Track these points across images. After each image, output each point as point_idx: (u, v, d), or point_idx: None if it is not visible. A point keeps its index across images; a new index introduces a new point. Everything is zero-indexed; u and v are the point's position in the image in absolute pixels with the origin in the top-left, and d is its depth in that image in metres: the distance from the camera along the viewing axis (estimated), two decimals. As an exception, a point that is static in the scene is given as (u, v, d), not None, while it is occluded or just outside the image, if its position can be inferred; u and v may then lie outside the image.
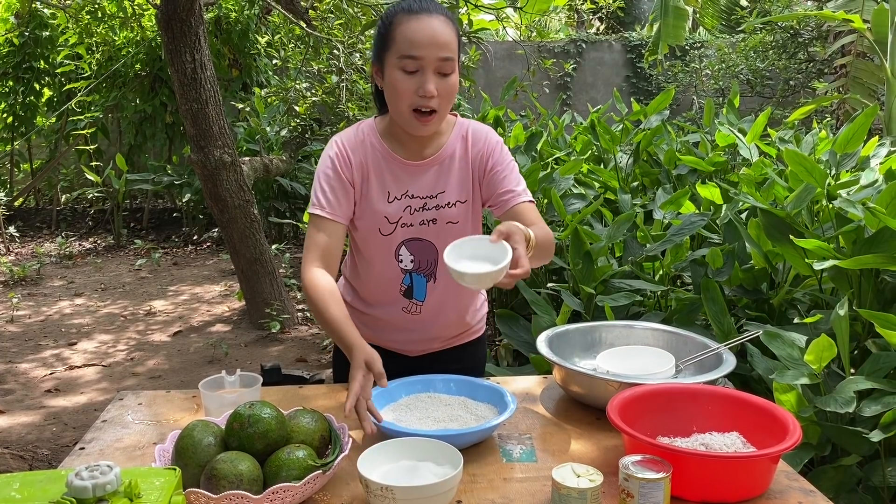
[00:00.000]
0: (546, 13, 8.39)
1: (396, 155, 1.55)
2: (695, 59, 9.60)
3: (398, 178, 1.55)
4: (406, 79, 1.42)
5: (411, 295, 1.62)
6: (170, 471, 1.01)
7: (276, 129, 7.37)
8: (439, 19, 1.43)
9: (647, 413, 1.31)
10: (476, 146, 1.58)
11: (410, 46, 1.40)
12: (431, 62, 1.41)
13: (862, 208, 2.15)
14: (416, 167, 1.55)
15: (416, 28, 1.41)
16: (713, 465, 1.16)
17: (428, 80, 1.41)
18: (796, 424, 1.21)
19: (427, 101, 1.42)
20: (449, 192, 1.57)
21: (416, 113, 1.44)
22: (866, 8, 5.79)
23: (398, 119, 1.49)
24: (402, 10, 1.44)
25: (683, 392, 1.36)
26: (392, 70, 1.43)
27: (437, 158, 1.56)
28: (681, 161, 3.61)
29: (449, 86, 1.44)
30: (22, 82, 8.07)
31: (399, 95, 1.43)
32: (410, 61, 1.41)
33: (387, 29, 1.45)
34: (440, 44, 1.41)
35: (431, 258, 1.60)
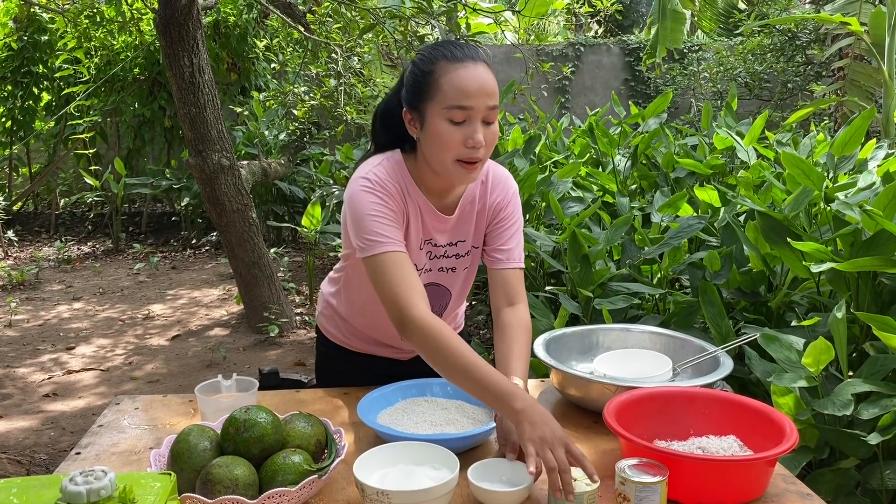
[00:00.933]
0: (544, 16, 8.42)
1: (431, 205, 1.49)
2: (693, 62, 9.62)
3: (426, 224, 1.50)
4: (453, 130, 1.35)
5: None
6: (165, 476, 1.01)
7: (275, 133, 7.37)
8: (483, 66, 1.38)
9: (644, 416, 1.31)
10: (494, 193, 1.55)
11: (461, 97, 1.34)
12: (480, 112, 1.35)
13: (859, 211, 2.15)
14: (443, 219, 1.51)
15: (465, 77, 1.35)
16: (710, 469, 1.16)
17: (477, 130, 1.35)
18: (793, 428, 1.21)
19: (475, 153, 1.36)
20: (468, 241, 1.56)
21: (461, 163, 1.38)
22: (864, 11, 5.81)
23: (440, 169, 1.41)
24: (443, 57, 1.37)
25: (680, 395, 1.36)
26: (437, 120, 1.36)
27: (461, 207, 1.52)
28: (679, 164, 3.62)
29: (493, 133, 1.38)
30: (21, 86, 8.08)
31: (445, 147, 1.36)
32: (459, 112, 1.34)
33: (427, 77, 1.37)
34: (488, 93, 1.36)
35: (444, 302, 1.61)
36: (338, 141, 7.67)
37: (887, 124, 5.22)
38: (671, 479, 1.11)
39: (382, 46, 6.99)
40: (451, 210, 1.51)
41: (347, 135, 7.73)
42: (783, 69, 8.30)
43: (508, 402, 1.21)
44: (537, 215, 3.56)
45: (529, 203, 3.47)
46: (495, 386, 1.23)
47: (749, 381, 2.28)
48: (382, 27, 4.77)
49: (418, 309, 1.33)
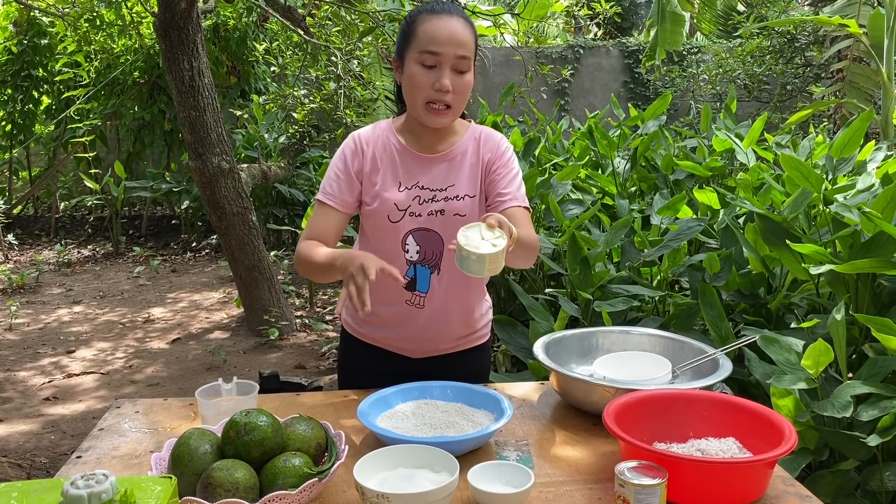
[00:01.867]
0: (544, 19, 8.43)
1: (410, 148, 1.62)
2: (692, 64, 9.62)
3: (410, 169, 1.61)
4: (424, 72, 1.50)
5: (415, 287, 1.63)
6: (166, 479, 1.01)
7: (275, 136, 7.38)
8: (459, 20, 1.52)
9: (644, 419, 1.31)
10: (487, 146, 1.65)
11: (430, 42, 1.49)
12: (449, 59, 1.49)
13: (858, 213, 2.15)
14: (428, 160, 1.61)
15: (437, 26, 1.50)
16: (709, 471, 1.16)
17: (444, 75, 1.49)
18: (792, 430, 1.21)
19: (442, 96, 1.50)
20: (459, 186, 1.62)
21: (430, 106, 1.52)
22: (862, 13, 5.82)
23: (413, 111, 1.56)
24: (425, 10, 1.54)
25: (680, 398, 1.36)
26: (411, 64, 1.52)
27: (450, 154, 1.62)
28: (678, 166, 3.62)
29: (464, 83, 1.52)
30: (20, 90, 8.09)
31: (416, 88, 1.51)
32: (429, 56, 1.49)
33: (409, 26, 1.54)
34: (458, 42, 1.50)
35: (437, 249, 1.62)
36: (337, 144, 7.66)
37: (886, 126, 5.22)
38: (671, 481, 1.11)
39: (382, 49, 6.99)
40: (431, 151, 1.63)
41: (347, 137, 7.71)
42: (782, 71, 8.31)
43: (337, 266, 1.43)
44: (537, 218, 3.56)
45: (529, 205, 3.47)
46: (328, 260, 1.48)
47: (749, 382, 2.28)
48: (382, 30, 4.78)
49: (302, 242, 1.59)
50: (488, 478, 1.17)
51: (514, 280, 3.32)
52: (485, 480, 1.16)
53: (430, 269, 1.62)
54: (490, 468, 1.19)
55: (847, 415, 1.71)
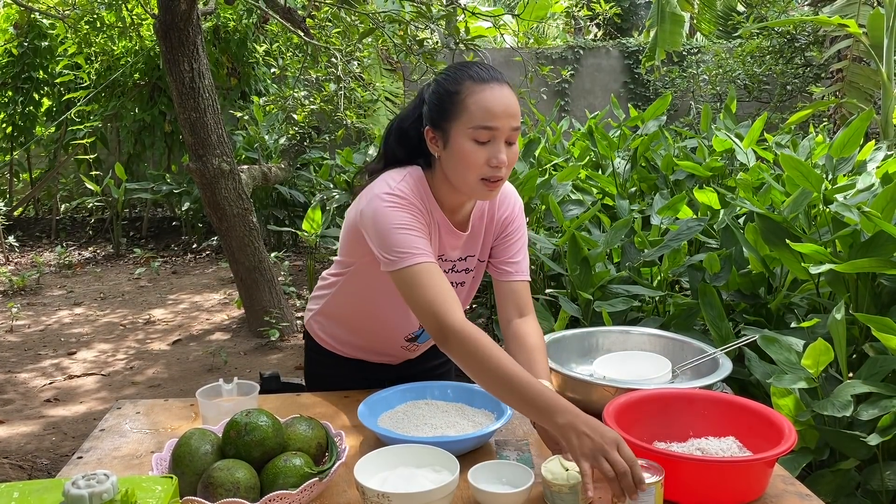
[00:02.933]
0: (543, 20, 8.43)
1: (448, 221, 1.51)
2: (692, 64, 9.63)
3: (441, 239, 1.52)
4: (478, 150, 1.37)
5: (416, 340, 1.64)
6: (167, 479, 1.01)
7: (275, 138, 7.39)
8: (508, 88, 1.41)
9: (644, 418, 1.32)
10: (502, 208, 1.59)
11: (487, 118, 1.36)
12: (505, 132, 1.38)
13: (858, 212, 2.15)
14: (458, 235, 1.53)
15: (491, 98, 1.37)
16: (709, 470, 1.16)
17: (501, 150, 1.38)
18: (792, 429, 1.21)
19: (498, 172, 1.39)
20: (476, 255, 1.59)
21: (485, 182, 1.40)
22: (862, 13, 5.82)
23: (462, 187, 1.43)
24: (469, 78, 1.40)
25: (680, 397, 1.37)
26: (462, 139, 1.38)
27: (472, 223, 1.55)
28: (678, 166, 3.62)
29: (514, 153, 1.41)
30: (21, 92, 8.10)
31: (470, 166, 1.38)
32: (485, 132, 1.37)
33: (453, 97, 1.39)
34: (513, 113, 1.39)
35: None
36: (338, 145, 7.69)
37: (886, 126, 5.22)
38: (670, 480, 1.12)
39: (382, 51, 7.00)
40: (464, 226, 1.54)
41: (347, 139, 7.74)
42: (782, 71, 8.31)
43: (551, 417, 1.17)
44: (537, 218, 3.57)
45: (529, 206, 3.48)
46: (538, 399, 1.20)
47: (749, 382, 2.28)
48: (382, 31, 4.78)
49: (457, 317, 1.31)
50: (488, 477, 1.18)
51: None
52: (485, 480, 1.16)
53: None
54: (490, 468, 1.20)
55: (847, 414, 1.72)
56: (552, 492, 1.11)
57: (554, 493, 1.11)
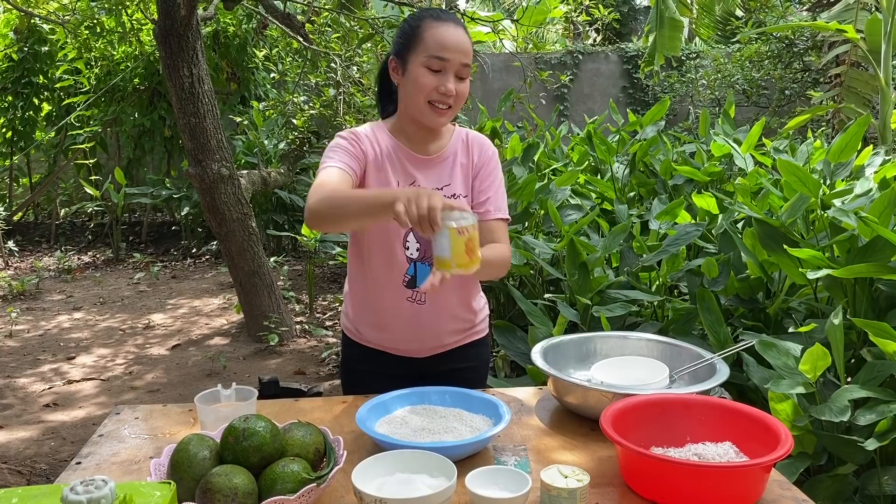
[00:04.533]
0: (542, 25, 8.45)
1: (408, 149, 1.66)
2: (691, 69, 9.65)
3: (406, 169, 1.65)
4: (430, 75, 1.56)
5: (415, 284, 1.67)
6: (165, 485, 1.01)
7: (275, 142, 7.40)
8: (462, 30, 1.60)
9: (641, 423, 1.32)
10: (474, 149, 1.72)
11: (439, 48, 1.55)
12: (455, 65, 1.56)
13: (855, 217, 2.16)
14: (423, 161, 1.66)
15: (446, 33, 1.56)
16: (706, 476, 1.17)
17: (449, 79, 1.57)
18: (788, 434, 1.22)
19: (446, 99, 1.57)
20: (454, 186, 1.68)
21: (431, 105, 1.58)
22: (860, 18, 5.83)
23: (414, 111, 1.61)
24: (429, 16, 1.60)
25: (677, 402, 1.37)
26: (417, 67, 1.57)
27: (442, 156, 1.68)
28: (677, 171, 3.63)
29: (464, 88, 1.60)
30: (21, 97, 8.11)
31: (420, 89, 1.57)
32: (437, 61, 1.56)
33: (415, 30, 1.59)
34: (463, 50, 1.58)
35: None
36: (337, 150, 7.68)
37: (884, 130, 5.23)
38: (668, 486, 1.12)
39: (381, 56, 7.01)
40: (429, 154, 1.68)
41: (347, 143, 7.72)
42: (781, 76, 8.33)
43: (389, 201, 1.30)
44: (536, 223, 3.57)
45: (528, 210, 3.49)
46: (374, 194, 1.42)
47: (747, 387, 2.28)
48: (381, 37, 4.80)
49: (318, 193, 1.48)
50: (486, 482, 1.18)
51: (513, 285, 3.33)
52: (482, 485, 1.17)
53: (429, 265, 1.65)
54: (488, 473, 1.20)
55: (845, 419, 1.72)
56: (550, 496, 1.11)
57: (552, 497, 1.11)
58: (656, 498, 1.17)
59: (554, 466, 1.17)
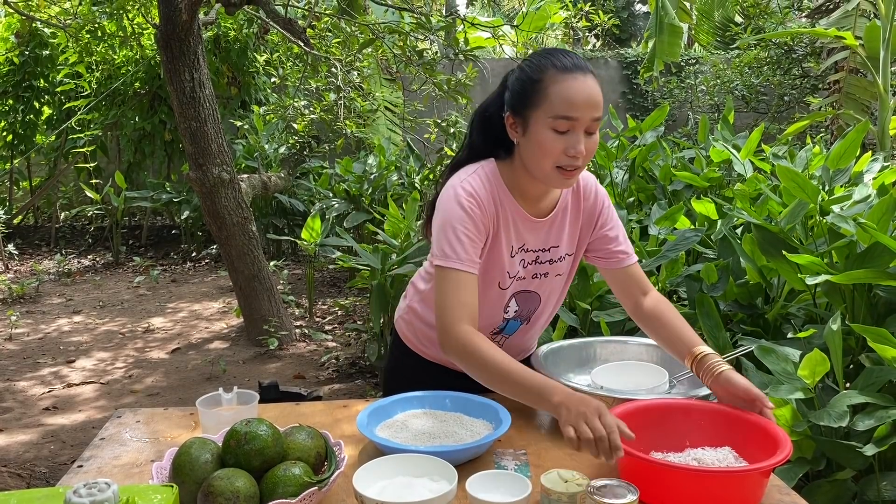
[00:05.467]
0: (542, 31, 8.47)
1: (524, 211, 1.52)
2: (690, 75, 9.67)
3: (519, 231, 1.53)
4: (557, 139, 1.39)
5: (502, 332, 1.65)
6: (167, 488, 1.02)
7: (275, 147, 7.41)
8: (592, 78, 1.41)
9: (641, 428, 1.32)
10: (588, 200, 1.60)
11: (568, 108, 1.37)
12: (584, 123, 1.39)
13: (854, 223, 2.17)
14: (535, 223, 1.54)
15: (574, 88, 1.38)
16: (705, 480, 1.17)
17: (579, 140, 1.39)
18: (787, 439, 1.22)
19: (575, 162, 1.40)
20: (561, 247, 1.59)
21: (560, 170, 1.41)
22: (858, 25, 5.85)
23: (538, 174, 1.45)
24: (553, 66, 1.40)
25: (677, 407, 1.38)
26: (541, 128, 1.40)
27: (553, 216, 1.56)
28: (676, 177, 3.64)
29: (593, 143, 1.42)
30: (22, 101, 8.12)
31: (547, 154, 1.40)
32: (565, 122, 1.38)
33: (535, 84, 1.41)
34: (595, 104, 1.39)
35: (534, 307, 1.63)
36: (337, 154, 7.71)
37: (882, 137, 5.25)
38: (667, 490, 1.12)
39: (382, 61, 7.03)
40: (544, 215, 1.55)
41: (347, 148, 7.76)
42: (780, 82, 8.35)
43: (547, 398, 1.27)
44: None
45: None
46: (533, 386, 1.30)
47: (746, 392, 2.28)
48: (382, 42, 4.81)
49: (462, 325, 1.40)
50: (486, 487, 1.18)
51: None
52: (483, 489, 1.17)
53: (521, 321, 1.64)
54: (488, 477, 1.20)
55: (843, 424, 1.73)
56: (550, 500, 1.12)
57: (552, 501, 1.12)
58: (655, 502, 1.18)
59: (554, 471, 1.17)
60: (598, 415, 1.19)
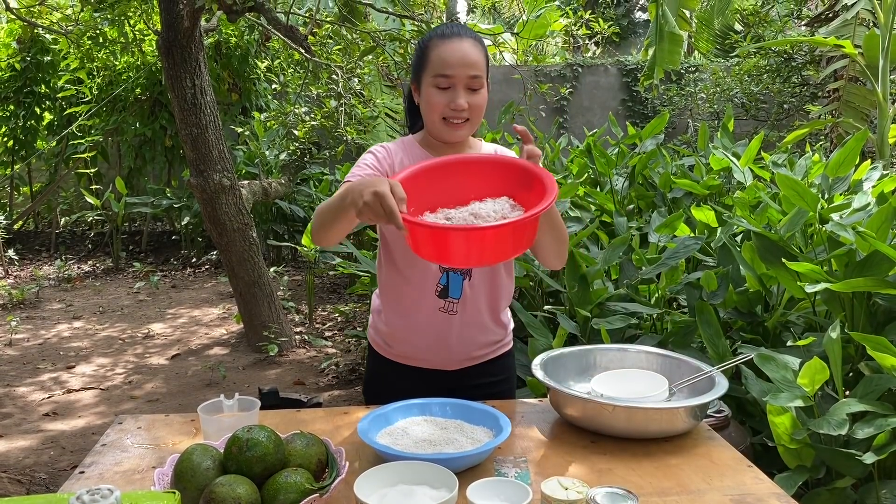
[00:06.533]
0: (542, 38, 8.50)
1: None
2: (690, 82, 9.70)
3: None
4: (439, 94, 1.59)
5: (447, 294, 1.67)
6: (169, 494, 1.02)
7: (276, 153, 7.43)
8: (469, 42, 1.60)
9: (428, 188, 1.43)
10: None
11: (443, 66, 1.57)
12: (461, 80, 1.58)
13: (853, 232, 2.18)
14: None
15: (448, 50, 1.58)
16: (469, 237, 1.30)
17: (458, 95, 1.58)
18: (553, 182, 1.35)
19: (458, 114, 1.59)
20: None
21: (446, 122, 1.60)
22: (857, 33, 5.87)
23: (431, 129, 1.65)
24: (436, 35, 1.63)
25: (459, 163, 1.50)
26: (427, 87, 1.60)
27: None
28: (676, 184, 3.65)
29: (478, 99, 1.61)
30: (23, 106, 8.15)
31: (432, 108, 1.60)
32: (443, 79, 1.58)
33: (423, 52, 1.62)
34: (469, 63, 1.58)
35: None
36: (338, 161, 7.73)
37: (882, 145, 5.26)
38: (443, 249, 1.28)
39: (382, 68, 7.06)
40: None
41: (348, 154, 7.77)
42: (779, 90, 8.38)
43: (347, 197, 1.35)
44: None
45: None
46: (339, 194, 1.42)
47: (746, 400, 2.30)
48: (382, 49, 4.83)
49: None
50: (487, 494, 1.19)
51: (514, 298, 3.34)
52: (483, 497, 1.18)
53: (461, 275, 1.67)
54: (489, 484, 1.21)
55: (843, 432, 1.73)
56: None
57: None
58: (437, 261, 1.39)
59: (554, 478, 1.18)
60: (380, 200, 1.26)
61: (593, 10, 12.34)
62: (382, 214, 1.26)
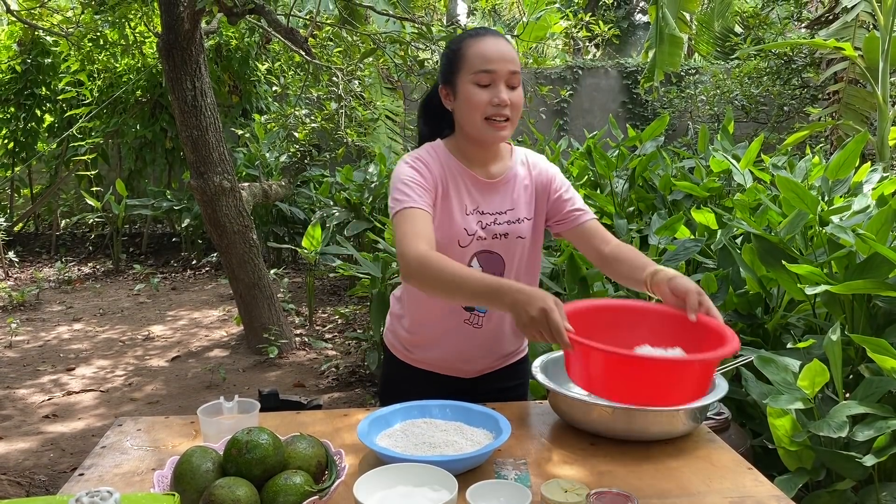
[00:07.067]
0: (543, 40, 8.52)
1: (473, 174, 1.64)
2: (690, 85, 9.70)
3: (471, 193, 1.64)
4: (480, 92, 1.55)
5: (474, 307, 1.67)
6: (168, 496, 1.02)
7: (276, 155, 7.43)
8: (503, 40, 1.59)
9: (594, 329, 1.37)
10: (536, 168, 1.71)
11: (484, 62, 1.54)
12: (503, 75, 1.55)
13: (853, 234, 2.17)
14: (486, 185, 1.65)
15: (487, 46, 1.56)
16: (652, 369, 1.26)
17: (501, 90, 1.55)
18: (734, 336, 1.29)
19: (501, 110, 1.55)
20: (518, 210, 1.67)
21: (489, 121, 1.56)
22: (857, 36, 5.88)
23: (472, 130, 1.59)
24: (468, 35, 1.60)
25: (628, 309, 1.46)
26: (466, 86, 1.56)
27: (505, 179, 1.67)
28: (676, 186, 3.65)
29: (517, 97, 1.58)
30: (23, 108, 8.16)
31: (474, 107, 1.55)
32: (485, 75, 1.54)
33: (455, 53, 1.59)
34: (509, 59, 1.56)
35: (498, 270, 1.66)
36: (338, 163, 7.74)
37: (882, 147, 5.26)
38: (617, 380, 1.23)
39: (383, 70, 7.06)
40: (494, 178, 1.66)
41: (348, 157, 7.79)
42: (779, 92, 8.38)
43: (500, 300, 1.34)
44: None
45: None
46: (486, 287, 1.37)
47: (746, 402, 2.29)
48: (383, 51, 4.83)
49: (419, 246, 1.45)
50: (487, 496, 1.19)
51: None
52: (483, 499, 1.18)
53: None
54: (488, 487, 1.21)
55: (843, 435, 1.73)
56: None
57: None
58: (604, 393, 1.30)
59: (554, 480, 1.18)
60: (546, 317, 1.26)
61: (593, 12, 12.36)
62: (548, 330, 1.26)
